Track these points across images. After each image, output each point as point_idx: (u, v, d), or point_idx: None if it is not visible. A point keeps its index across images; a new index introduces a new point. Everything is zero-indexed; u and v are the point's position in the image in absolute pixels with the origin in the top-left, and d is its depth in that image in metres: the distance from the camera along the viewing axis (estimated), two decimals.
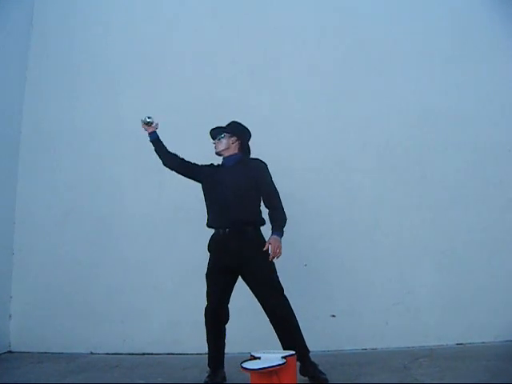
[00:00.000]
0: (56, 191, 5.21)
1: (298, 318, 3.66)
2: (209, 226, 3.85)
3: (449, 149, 4.88)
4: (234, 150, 3.89)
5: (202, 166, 3.99)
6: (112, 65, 5.38)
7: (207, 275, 3.80)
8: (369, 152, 4.94)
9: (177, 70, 5.26)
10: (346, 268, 4.75)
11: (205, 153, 5.05)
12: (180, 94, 5.18)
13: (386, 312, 4.65)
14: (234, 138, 3.90)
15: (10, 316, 5.03)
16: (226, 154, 3.88)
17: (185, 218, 4.98)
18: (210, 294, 3.76)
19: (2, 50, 5.11)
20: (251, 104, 5.06)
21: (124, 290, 4.93)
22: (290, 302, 3.68)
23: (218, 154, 3.92)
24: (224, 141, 3.89)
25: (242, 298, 4.64)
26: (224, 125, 3.98)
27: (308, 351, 3.58)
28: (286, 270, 4.58)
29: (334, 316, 4.71)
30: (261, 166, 3.83)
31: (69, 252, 5.06)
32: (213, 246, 3.81)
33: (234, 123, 3.96)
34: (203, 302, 4.79)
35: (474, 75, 4.94)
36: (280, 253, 3.61)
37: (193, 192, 4.96)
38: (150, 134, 4.03)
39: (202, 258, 4.80)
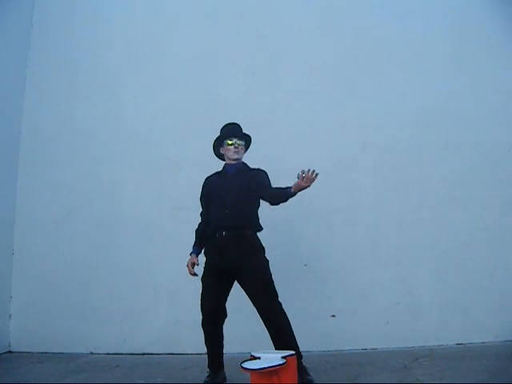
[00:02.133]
0: (56, 191, 5.21)
1: (298, 318, 3.65)
2: (207, 234, 3.81)
3: (449, 148, 4.88)
4: (242, 158, 3.94)
5: (203, 197, 3.98)
6: (112, 65, 5.38)
7: (203, 279, 3.76)
8: (369, 152, 4.94)
9: (177, 70, 5.26)
10: (346, 268, 4.75)
11: (205, 152, 5.08)
12: (180, 93, 5.18)
13: (386, 312, 4.65)
14: (244, 148, 3.95)
15: (10, 316, 5.03)
16: (236, 162, 3.88)
17: (185, 218, 4.97)
18: (205, 297, 3.72)
19: (2, 50, 5.11)
20: (251, 104, 5.06)
21: (124, 290, 4.93)
22: (290, 302, 3.67)
23: (233, 159, 3.89)
24: (242, 149, 3.92)
25: (242, 298, 4.65)
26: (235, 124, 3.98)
27: (301, 356, 3.55)
28: (286, 269, 4.58)
29: (334, 316, 4.70)
30: (261, 173, 3.86)
31: (69, 252, 5.06)
32: (209, 249, 3.79)
33: (245, 134, 3.98)
34: None
35: (474, 75, 4.94)
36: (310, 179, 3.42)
37: (193, 192, 4.98)
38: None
39: (201, 258, 4.81)
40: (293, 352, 3.27)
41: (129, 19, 5.46)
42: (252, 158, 5.04)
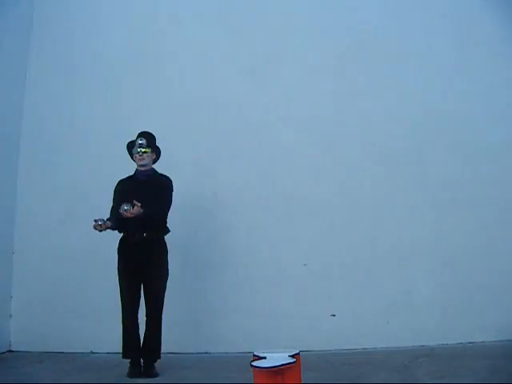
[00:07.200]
0: (56, 191, 5.21)
1: (298, 318, 3.66)
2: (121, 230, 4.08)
3: (449, 149, 4.88)
4: (150, 164, 4.19)
5: (115, 199, 4.16)
6: (112, 65, 5.38)
7: (119, 278, 4.07)
8: (369, 152, 4.94)
9: (177, 70, 5.26)
10: (346, 267, 4.75)
11: (204, 152, 5.09)
12: (180, 93, 5.19)
13: (386, 311, 4.65)
14: (153, 154, 4.16)
15: (11, 315, 5.03)
16: (144, 168, 4.13)
17: (184, 218, 4.97)
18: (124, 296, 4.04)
19: (2, 50, 5.11)
20: (251, 104, 5.06)
21: None
22: (290, 302, 3.68)
23: (139, 165, 4.15)
24: (149, 156, 4.12)
25: (242, 298, 4.66)
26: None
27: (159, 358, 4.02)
28: (285, 269, 4.60)
29: (334, 315, 4.71)
30: (165, 183, 4.16)
31: (69, 252, 5.05)
32: (123, 248, 4.09)
33: (153, 137, 4.18)
34: (203, 302, 4.82)
35: (474, 75, 4.94)
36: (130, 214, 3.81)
37: (192, 192, 4.99)
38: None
39: (201, 257, 4.82)
40: (297, 351, 3.25)
41: (128, 19, 5.45)
42: (252, 158, 5.07)
